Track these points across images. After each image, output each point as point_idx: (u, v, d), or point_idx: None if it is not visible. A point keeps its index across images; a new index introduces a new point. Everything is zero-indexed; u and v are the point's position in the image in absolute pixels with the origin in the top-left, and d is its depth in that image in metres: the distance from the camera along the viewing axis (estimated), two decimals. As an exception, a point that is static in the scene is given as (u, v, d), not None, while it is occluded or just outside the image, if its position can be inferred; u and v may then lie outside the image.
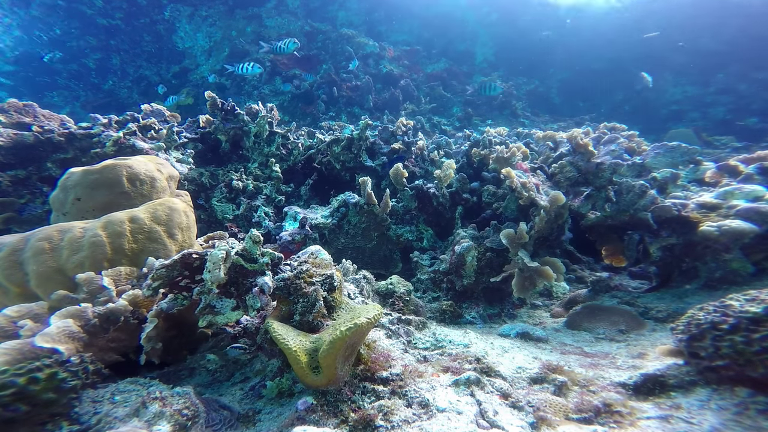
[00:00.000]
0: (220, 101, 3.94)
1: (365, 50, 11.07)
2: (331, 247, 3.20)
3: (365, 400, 1.27)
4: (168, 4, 11.47)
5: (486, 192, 3.32)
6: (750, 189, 2.56)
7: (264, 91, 9.99)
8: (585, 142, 2.91)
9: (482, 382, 1.40)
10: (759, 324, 1.28)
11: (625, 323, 2.26)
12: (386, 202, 3.19)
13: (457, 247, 2.77)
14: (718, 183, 3.07)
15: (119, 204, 2.24)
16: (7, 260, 1.79)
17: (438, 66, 12.06)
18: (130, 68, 11.90)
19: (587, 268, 3.22)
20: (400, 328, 1.87)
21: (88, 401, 1.22)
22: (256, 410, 1.32)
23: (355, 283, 2.19)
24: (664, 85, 11.27)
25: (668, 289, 2.54)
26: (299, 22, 11.66)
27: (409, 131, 4.34)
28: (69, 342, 1.32)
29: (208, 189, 3.68)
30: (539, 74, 12.30)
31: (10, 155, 3.12)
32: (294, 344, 1.23)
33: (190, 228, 2.26)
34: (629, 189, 2.68)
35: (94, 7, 11.15)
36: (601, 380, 1.53)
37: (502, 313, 2.69)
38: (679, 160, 3.51)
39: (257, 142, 3.97)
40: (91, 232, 1.85)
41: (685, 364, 1.47)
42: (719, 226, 2.32)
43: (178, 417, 1.13)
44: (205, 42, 11.65)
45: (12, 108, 3.37)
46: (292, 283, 1.47)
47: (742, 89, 10.20)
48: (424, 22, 13.04)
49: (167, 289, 1.52)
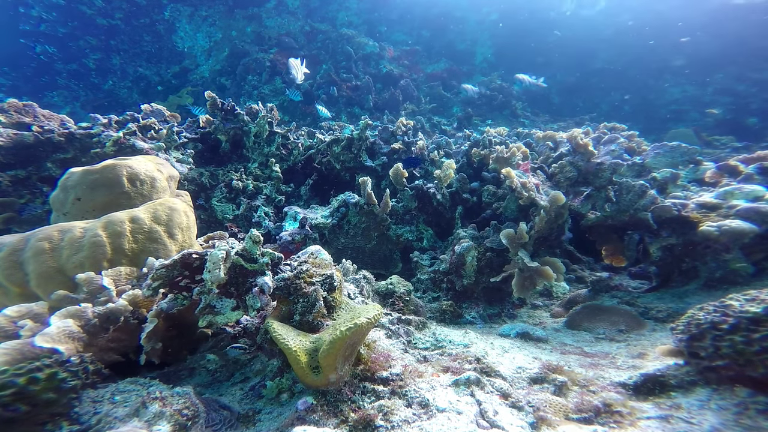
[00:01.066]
0: (220, 101, 3.94)
1: (365, 50, 11.08)
2: (331, 247, 3.20)
3: (365, 400, 1.27)
4: (168, 4, 11.48)
5: (486, 192, 3.32)
6: (750, 189, 2.56)
7: (264, 91, 9.99)
8: (585, 142, 2.91)
9: (482, 382, 1.40)
10: (759, 324, 1.28)
11: (625, 323, 2.26)
12: (386, 202, 3.19)
13: (457, 247, 2.77)
14: (718, 183, 3.07)
15: (119, 204, 2.24)
16: (7, 260, 1.79)
17: (438, 66, 12.06)
18: (130, 68, 11.91)
19: (587, 268, 3.22)
20: (400, 328, 1.87)
21: (88, 401, 1.22)
22: (256, 410, 1.32)
23: (355, 283, 2.18)
24: (664, 85, 11.27)
25: (668, 289, 2.54)
26: (299, 22, 11.67)
27: (409, 131, 4.34)
28: (69, 342, 1.32)
29: (208, 189, 3.68)
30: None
31: (10, 155, 3.12)
32: (294, 344, 1.23)
33: (190, 228, 2.26)
34: (629, 189, 2.68)
35: (94, 7, 11.15)
36: (601, 380, 1.53)
37: (502, 313, 2.69)
38: (679, 160, 3.51)
39: (257, 142, 3.97)
40: (92, 232, 1.85)
41: (685, 364, 1.47)
42: (719, 226, 2.32)
43: (178, 417, 1.13)
44: (205, 42, 11.66)
45: (12, 108, 3.37)
46: (292, 283, 1.47)
47: (740, 89, 10.20)
48: (424, 22, 13.04)
49: (167, 289, 1.52)
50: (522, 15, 12.73)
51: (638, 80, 11.52)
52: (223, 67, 10.96)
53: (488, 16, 13.17)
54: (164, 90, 11.06)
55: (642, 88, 11.46)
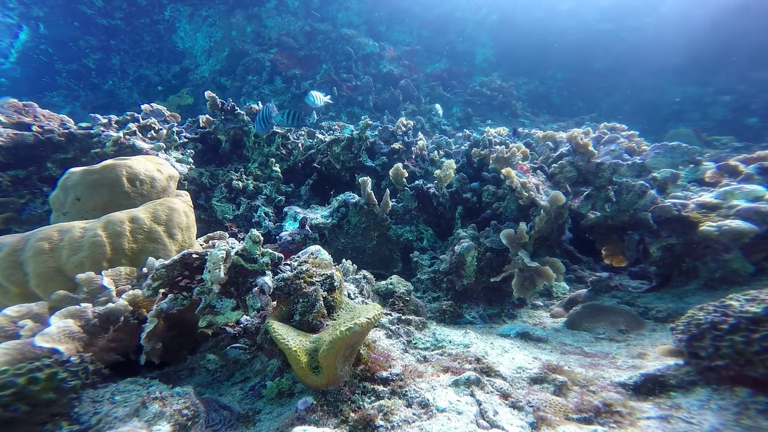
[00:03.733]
0: (220, 101, 3.94)
1: (365, 50, 11.08)
2: (331, 247, 3.19)
3: (365, 400, 1.27)
4: (168, 4, 11.48)
5: (486, 192, 3.31)
6: (750, 189, 2.56)
7: (264, 91, 9.99)
8: (585, 142, 2.91)
9: (482, 382, 1.40)
10: (759, 324, 1.27)
11: (625, 323, 2.26)
12: (386, 202, 3.19)
13: (457, 247, 2.77)
14: (718, 183, 3.07)
15: (119, 204, 2.24)
16: (7, 260, 1.79)
17: (438, 66, 12.07)
18: (130, 68, 11.91)
19: (587, 268, 3.22)
20: (400, 328, 1.87)
21: (88, 401, 1.22)
22: (256, 410, 1.32)
23: (355, 283, 2.18)
24: (664, 85, 11.27)
25: (668, 289, 2.54)
26: (299, 22, 11.68)
27: (409, 131, 4.34)
28: (69, 342, 1.32)
29: (208, 189, 3.68)
30: (539, 74, 12.31)
31: (10, 155, 3.12)
32: (294, 344, 1.23)
33: (190, 228, 2.26)
34: (629, 189, 2.68)
35: (94, 7, 11.16)
36: (601, 380, 1.53)
37: (502, 313, 2.69)
38: (679, 160, 3.51)
39: (257, 142, 3.97)
40: (91, 232, 1.85)
41: (685, 364, 1.46)
42: (719, 226, 2.32)
43: (178, 417, 1.13)
44: (205, 42, 11.66)
45: (12, 108, 3.37)
46: (292, 283, 1.47)
47: (741, 89, 10.20)
48: (424, 22, 13.05)
49: (167, 289, 1.52)
50: (522, 15, 12.74)
51: (639, 80, 11.52)
52: (223, 67, 10.97)
53: (488, 16, 13.18)
54: (164, 90, 11.07)
55: (642, 88, 11.46)
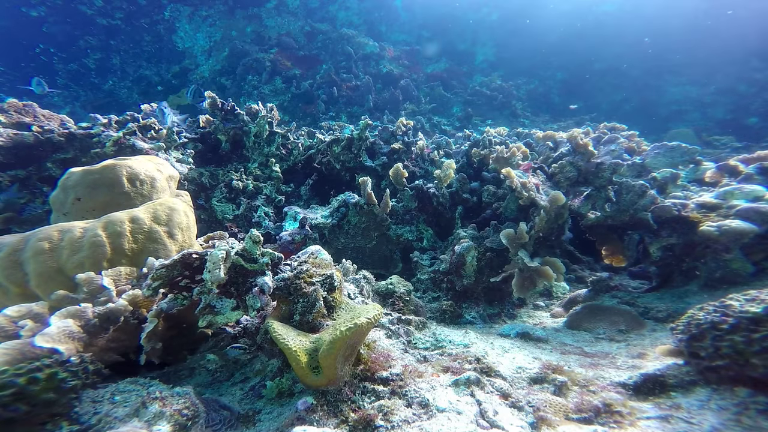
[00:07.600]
0: (220, 101, 3.94)
1: (365, 50, 11.08)
2: (331, 247, 3.19)
3: (365, 400, 1.27)
4: (168, 4, 11.49)
5: (486, 192, 3.31)
6: (750, 189, 2.56)
7: (264, 91, 9.99)
8: (585, 142, 2.91)
9: (482, 382, 1.40)
10: (759, 324, 1.27)
11: (625, 323, 2.26)
12: (386, 202, 3.19)
13: (457, 247, 2.77)
14: (718, 183, 3.07)
15: (119, 204, 2.23)
16: (7, 260, 1.79)
17: (438, 66, 12.07)
18: (130, 68, 11.92)
19: (587, 268, 3.22)
20: (400, 328, 1.87)
21: (88, 401, 1.22)
22: (256, 410, 1.32)
23: (355, 283, 2.18)
24: (665, 85, 11.27)
25: (668, 289, 2.54)
26: (299, 22, 11.68)
27: (409, 131, 4.34)
28: (69, 342, 1.32)
29: (208, 189, 3.68)
30: (539, 74, 12.30)
31: (10, 155, 3.12)
32: (294, 344, 1.23)
33: (190, 228, 2.26)
34: (629, 189, 2.68)
35: (93, 7, 11.16)
36: (601, 380, 1.53)
37: (502, 313, 2.69)
38: (679, 160, 3.51)
39: (257, 142, 3.97)
40: (91, 232, 1.85)
41: (685, 364, 1.47)
42: (719, 226, 2.32)
43: (178, 417, 1.13)
44: (205, 42, 11.67)
45: (12, 108, 3.37)
46: (292, 283, 1.47)
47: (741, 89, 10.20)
48: (424, 22, 13.05)
49: (167, 289, 1.52)
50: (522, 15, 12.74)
51: (639, 80, 11.52)
52: (223, 67, 10.97)
53: (488, 16, 13.18)
54: (164, 90, 11.06)
55: (643, 88, 11.46)
